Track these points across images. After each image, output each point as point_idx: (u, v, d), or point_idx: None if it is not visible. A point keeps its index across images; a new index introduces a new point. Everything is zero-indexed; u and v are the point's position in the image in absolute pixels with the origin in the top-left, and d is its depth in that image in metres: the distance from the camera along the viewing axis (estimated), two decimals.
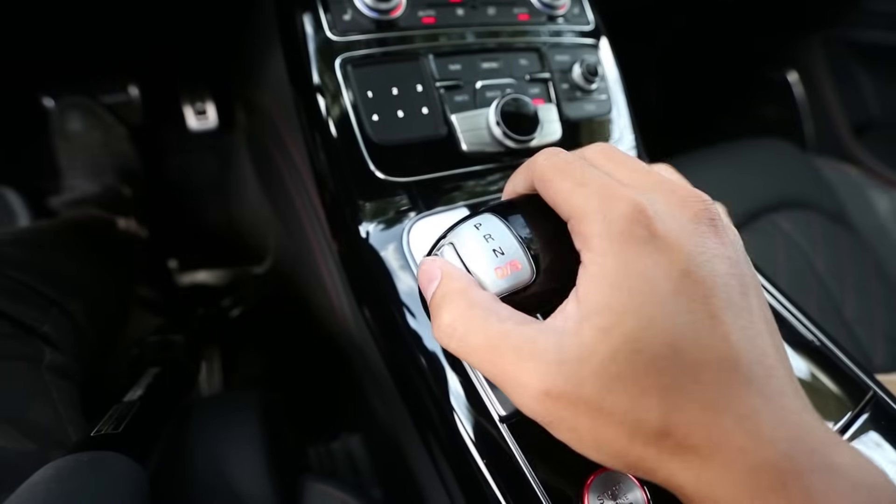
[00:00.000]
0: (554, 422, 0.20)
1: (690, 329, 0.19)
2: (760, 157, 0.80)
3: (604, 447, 0.19)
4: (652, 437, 0.18)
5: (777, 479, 0.17)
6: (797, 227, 0.71)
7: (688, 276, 0.19)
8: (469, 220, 0.25)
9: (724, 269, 0.20)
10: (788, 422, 0.18)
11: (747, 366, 0.19)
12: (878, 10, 0.92)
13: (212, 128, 0.96)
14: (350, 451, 0.63)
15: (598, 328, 0.19)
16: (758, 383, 0.18)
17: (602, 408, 0.19)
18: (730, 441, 0.18)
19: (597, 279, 0.20)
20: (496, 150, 0.39)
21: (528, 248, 0.23)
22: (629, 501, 0.25)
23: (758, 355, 0.19)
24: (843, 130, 1.01)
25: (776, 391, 0.19)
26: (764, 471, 0.17)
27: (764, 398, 0.18)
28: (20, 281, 0.45)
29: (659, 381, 0.18)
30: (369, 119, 0.36)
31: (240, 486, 0.38)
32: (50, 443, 0.37)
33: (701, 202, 0.22)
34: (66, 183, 0.81)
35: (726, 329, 0.19)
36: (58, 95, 0.84)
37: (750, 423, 0.18)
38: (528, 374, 0.20)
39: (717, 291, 0.19)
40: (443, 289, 0.23)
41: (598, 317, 0.19)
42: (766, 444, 0.17)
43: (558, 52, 0.44)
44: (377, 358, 0.38)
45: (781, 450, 0.17)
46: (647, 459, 0.19)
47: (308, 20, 0.38)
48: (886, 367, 0.64)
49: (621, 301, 0.19)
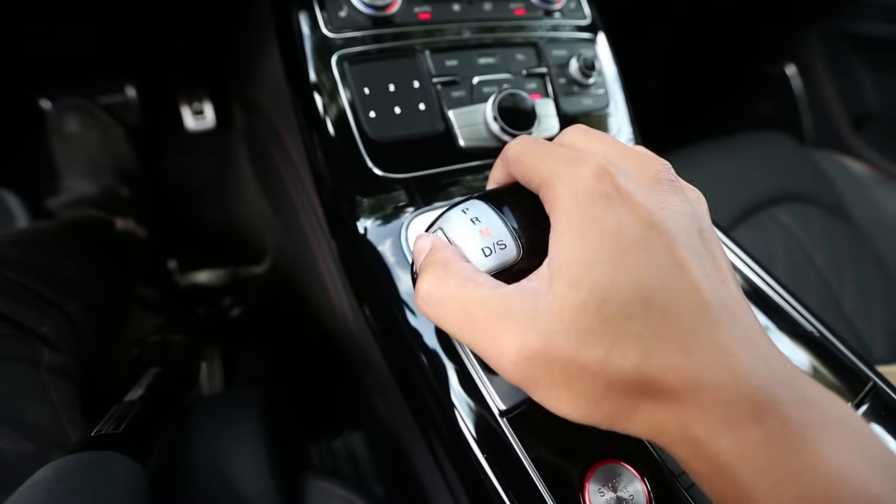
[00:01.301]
0: (532, 383, 0.20)
1: (657, 276, 0.19)
2: (759, 150, 0.80)
3: (581, 403, 0.19)
4: (629, 384, 0.18)
5: (754, 412, 0.17)
6: (796, 220, 0.71)
7: (651, 227, 0.20)
8: (457, 206, 0.26)
9: (684, 221, 0.21)
10: (761, 358, 0.19)
11: (716, 308, 0.19)
12: (876, 3, 0.92)
13: (210, 128, 0.96)
14: (351, 448, 0.63)
15: (567, 283, 0.19)
16: (727, 324, 0.19)
17: (577, 360, 0.19)
18: (707, 379, 0.18)
19: (563, 236, 0.20)
20: (494, 145, 0.39)
21: (513, 228, 0.24)
22: (629, 493, 0.25)
23: (724, 299, 0.20)
24: (842, 123, 1.01)
25: (745, 333, 0.19)
26: (741, 404, 0.17)
27: (735, 339, 0.19)
28: (19, 282, 0.45)
29: (630, 328, 0.18)
30: (366, 116, 0.36)
31: (241, 485, 0.38)
32: (49, 443, 0.37)
33: (660, 164, 0.23)
34: (64, 184, 0.81)
35: (692, 275, 0.19)
36: (55, 96, 0.84)
37: (725, 361, 0.18)
38: (503, 336, 0.20)
39: (680, 241, 0.20)
40: (427, 259, 0.24)
41: (567, 272, 0.20)
42: (741, 380, 0.18)
43: (555, 47, 0.44)
44: (377, 355, 0.38)
45: (756, 384, 0.18)
46: (625, 409, 0.19)
47: (304, 17, 0.38)
48: (886, 359, 0.64)
49: (587, 254, 0.19)
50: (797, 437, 0.17)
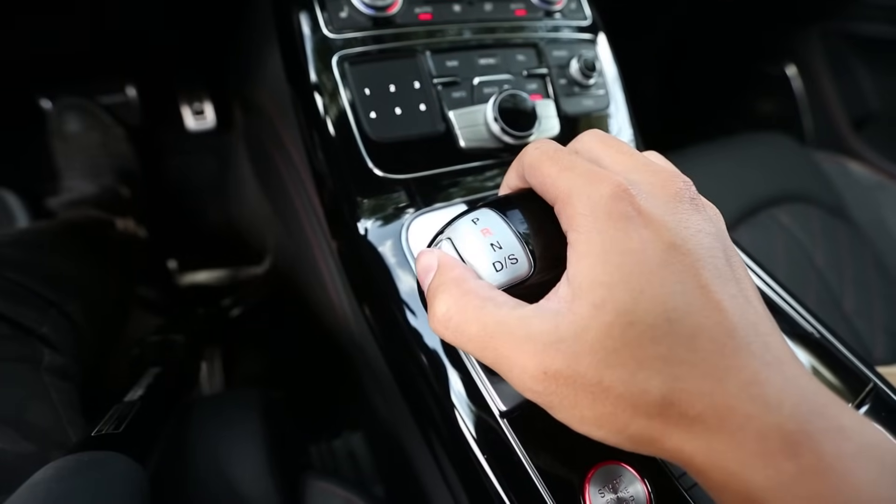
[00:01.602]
0: (555, 402, 0.20)
1: (682, 299, 0.19)
2: (759, 151, 0.80)
3: (605, 423, 0.19)
4: (655, 408, 0.18)
5: (787, 443, 0.17)
6: (796, 220, 0.71)
7: (675, 248, 0.19)
8: (466, 215, 0.25)
9: (708, 242, 0.20)
10: (792, 386, 0.18)
11: (743, 333, 0.19)
12: (877, 3, 0.92)
13: (210, 128, 0.96)
14: (351, 448, 0.63)
15: (590, 304, 0.19)
16: (756, 349, 0.18)
17: (601, 382, 0.18)
18: (736, 408, 0.17)
19: (585, 257, 0.20)
20: (494, 146, 0.39)
21: (525, 242, 0.23)
22: (630, 494, 0.25)
23: (751, 322, 0.19)
24: (842, 124, 1.01)
25: (775, 357, 0.19)
26: (773, 435, 0.17)
27: (765, 364, 0.18)
28: (19, 282, 0.45)
29: (656, 352, 0.18)
30: (367, 116, 0.36)
31: (241, 485, 0.38)
32: (49, 444, 0.37)
33: (682, 181, 0.22)
34: (65, 184, 0.81)
35: (717, 297, 0.19)
36: (55, 96, 0.84)
37: (755, 389, 0.17)
38: (526, 356, 0.19)
39: (704, 263, 0.20)
40: (439, 279, 0.23)
41: (590, 293, 0.19)
42: (773, 409, 0.17)
43: (556, 48, 0.44)
44: (377, 355, 0.38)
45: (788, 414, 0.17)
46: (651, 433, 0.19)
47: (305, 18, 0.38)
48: (886, 359, 0.64)
49: (611, 275, 0.19)
50: (833, 472, 0.16)
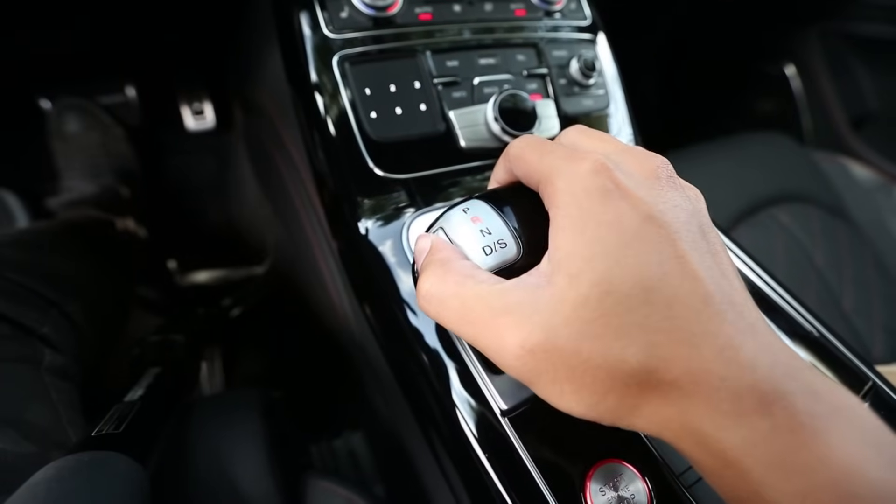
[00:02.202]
0: (534, 377, 0.20)
1: (658, 269, 0.19)
2: (758, 150, 0.80)
3: (585, 396, 0.19)
4: (633, 377, 0.18)
5: (760, 402, 0.17)
6: (796, 220, 0.71)
7: (651, 220, 0.20)
8: (457, 205, 0.26)
9: (684, 216, 0.21)
10: (766, 351, 0.18)
11: (718, 300, 0.19)
12: (876, 3, 0.92)
13: (210, 128, 0.96)
14: (352, 448, 0.63)
15: (567, 276, 0.19)
16: (731, 317, 0.19)
17: (579, 353, 0.19)
18: (711, 371, 0.18)
19: (563, 230, 0.20)
20: (495, 145, 0.39)
21: (513, 228, 0.24)
22: (631, 492, 0.25)
23: (726, 292, 0.20)
24: (841, 124, 1.01)
25: (748, 325, 0.19)
26: (747, 395, 0.17)
27: (739, 330, 0.19)
28: (19, 283, 0.45)
29: (632, 321, 0.18)
30: (367, 116, 0.36)
31: (242, 485, 0.38)
32: (50, 444, 0.37)
33: (659, 160, 0.23)
34: (64, 184, 0.81)
35: (694, 267, 0.19)
36: (55, 97, 0.84)
37: (729, 353, 0.18)
38: (505, 331, 0.20)
39: (680, 234, 0.20)
40: (428, 258, 0.24)
41: (567, 265, 0.20)
42: (746, 371, 0.18)
43: (555, 48, 0.44)
44: (378, 355, 0.38)
45: (762, 375, 0.18)
46: (629, 404, 0.19)
47: (305, 18, 0.38)
48: (885, 358, 0.65)
49: (588, 247, 0.19)
50: (805, 428, 0.17)
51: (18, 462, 0.35)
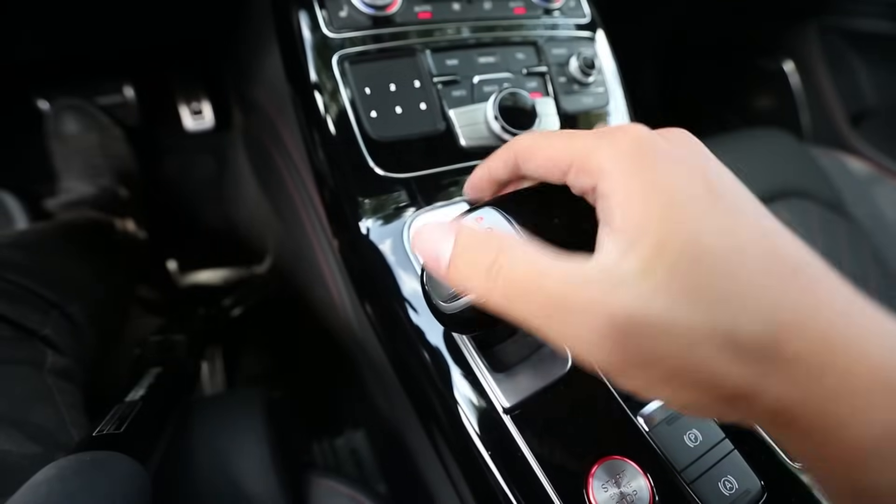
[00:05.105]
0: (625, 360, 0.17)
1: (735, 233, 0.17)
2: (757, 147, 0.80)
3: (695, 376, 0.16)
4: (751, 351, 0.16)
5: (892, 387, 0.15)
6: (794, 216, 0.71)
7: (710, 184, 0.18)
8: (470, 213, 0.25)
9: (732, 179, 0.20)
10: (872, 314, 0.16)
11: (805, 263, 0.17)
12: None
13: (208, 128, 0.96)
14: (354, 446, 0.63)
15: (648, 246, 0.17)
16: (823, 279, 0.17)
17: (679, 322, 0.16)
18: (835, 342, 0.15)
19: (627, 202, 0.18)
20: (495, 144, 0.39)
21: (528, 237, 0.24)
22: (633, 488, 0.25)
23: (801, 252, 0.18)
24: (840, 119, 1.01)
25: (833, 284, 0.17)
26: (882, 375, 0.15)
27: (835, 291, 0.17)
28: (20, 284, 0.45)
29: (735, 287, 0.16)
30: (367, 116, 0.36)
31: (245, 484, 0.38)
32: (54, 445, 0.37)
33: (686, 134, 0.22)
34: (63, 185, 0.81)
35: (766, 229, 0.18)
36: (53, 98, 0.84)
37: (846, 320, 0.16)
38: (588, 305, 0.17)
39: (741, 197, 0.19)
40: (464, 236, 0.21)
41: (645, 236, 0.17)
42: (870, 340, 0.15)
43: (555, 46, 0.44)
44: (380, 353, 0.38)
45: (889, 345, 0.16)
46: (752, 382, 0.16)
47: (304, 17, 0.38)
48: None
49: (661, 214, 0.18)
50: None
51: (22, 463, 0.35)
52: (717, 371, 0.16)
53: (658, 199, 0.18)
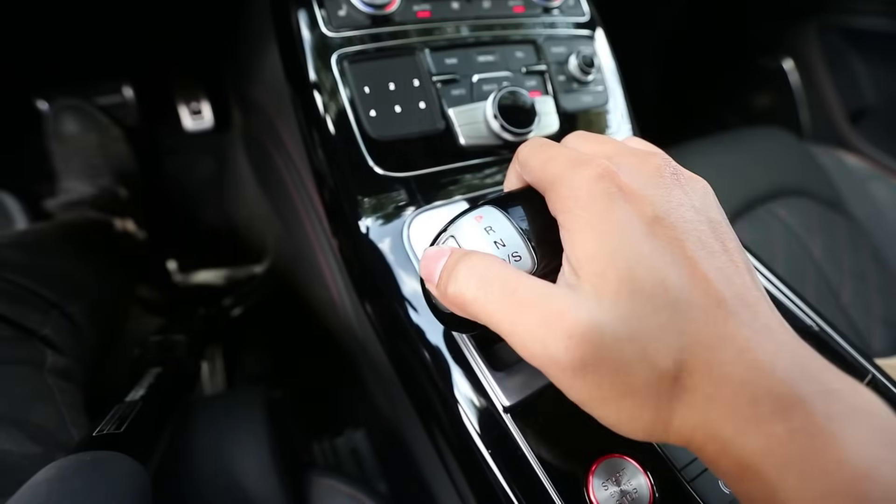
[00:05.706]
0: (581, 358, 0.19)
1: (672, 269, 0.19)
2: (757, 145, 0.80)
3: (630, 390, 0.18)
4: (664, 381, 0.18)
5: (778, 406, 0.17)
6: (794, 214, 0.71)
7: (658, 221, 0.20)
8: (469, 212, 0.25)
9: (690, 215, 0.21)
10: (784, 351, 0.18)
11: (731, 302, 0.19)
12: None
13: (207, 127, 0.96)
14: (354, 445, 0.63)
15: (594, 275, 0.19)
16: (745, 317, 0.19)
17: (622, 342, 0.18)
18: (731, 375, 0.18)
19: (577, 233, 0.20)
20: (494, 143, 0.39)
21: (527, 239, 0.24)
22: (633, 487, 0.25)
23: (739, 292, 0.19)
24: (839, 118, 1.01)
25: (764, 324, 0.19)
26: (766, 400, 0.17)
27: (754, 331, 0.19)
28: (20, 284, 0.45)
29: (659, 322, 0.18)
30: (367, 115, 0.36)
31: (245, 484, 0.38)
32: (54, 446, 0.37)
33: (660, 158, 0.23)
34: (62, 185, 0.81)
35: (703, 268, 0.19)
36: (52, 98, 0.84)
37: (749, 355, 0.18)
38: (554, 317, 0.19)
39: (688, 235, 0.20)
40: (455, 255, 0.23)
41: (590, 264, 0.20)
42: (766, 374, 0.18)
43: (554, 44, 0.44)
44: (380, 352, 0.38)
45: (780, 377, 0.17)
46: (667, 407, 0.18)
47: (303, 16, 0.38)
48: (884, 351, 0.65)
49: (605, 246, 0.19)
50: (822, 431, 0.17)
51: (23, 463, 0.35)
52: (646, 391, 0.18)
53: (601, 231, 0.20)
